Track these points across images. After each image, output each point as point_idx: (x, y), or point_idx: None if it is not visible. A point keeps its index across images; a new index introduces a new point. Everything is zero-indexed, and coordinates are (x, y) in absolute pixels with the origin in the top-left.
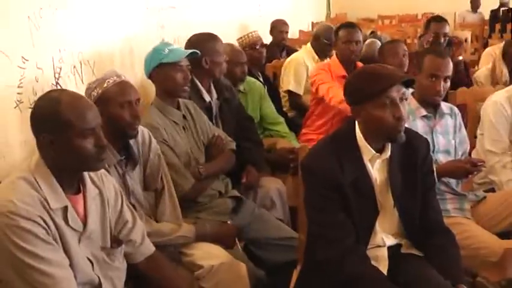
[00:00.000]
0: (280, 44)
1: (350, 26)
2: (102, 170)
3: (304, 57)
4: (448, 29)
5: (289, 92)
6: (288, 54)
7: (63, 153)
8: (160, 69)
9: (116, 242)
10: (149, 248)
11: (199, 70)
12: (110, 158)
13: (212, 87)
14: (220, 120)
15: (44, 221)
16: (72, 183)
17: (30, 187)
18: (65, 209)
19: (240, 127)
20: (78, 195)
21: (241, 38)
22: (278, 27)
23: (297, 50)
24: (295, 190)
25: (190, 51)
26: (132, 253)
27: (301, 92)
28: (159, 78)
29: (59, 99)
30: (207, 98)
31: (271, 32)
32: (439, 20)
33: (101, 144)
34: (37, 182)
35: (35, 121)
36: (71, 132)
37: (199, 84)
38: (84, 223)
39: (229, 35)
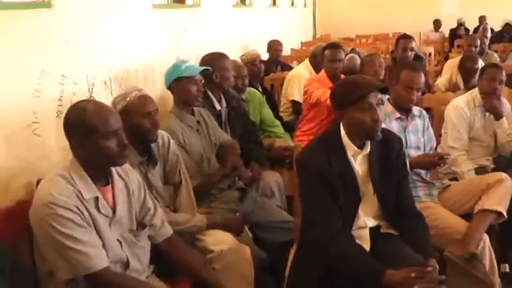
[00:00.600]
0: (276, 60)
1: (334, 46)
2: (127, 166)
3: (304, 71)
4: (414, 45)
5: (293, 101)
6: (283, 69)
7: (92, 153)
8: (178, 82)
9: (141, 225)
10: (168, 231)
11: (211, 83)
12: (133, 159)
13: (222, 97)
14: (228, 125)
15: (79, 209)
16: (101, 177)
17: (66, 182)
18: (96, 199)
19: (245, 131)
20: (107, 187)
21: (243, 55)
22: (274, 46)
23: (290, 65)
24: (290, 182)
25: (204, 68)
26: (154, 235)
27: (301, 100)
28: (177, 90)
29: (85, 107)
30: (218, 106)
31: (268, 50)
32: (406, 37)
33: (122, 143)
34: (72, 178)
35: (67, 127)
36: (96, 135)
37: (211, 95)
38: (114, 210)
39: (233, 53)
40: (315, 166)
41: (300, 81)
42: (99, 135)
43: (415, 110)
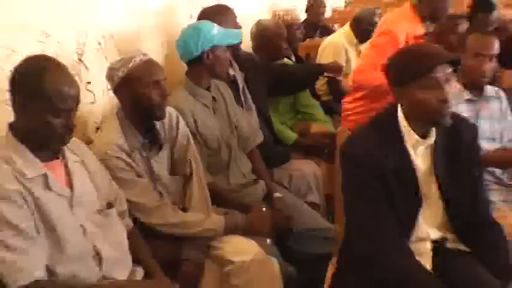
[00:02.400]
0: (315, 23)
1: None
2: (80, 142)
3: (343, 39)
4: None
5: (328, 78)
6: (322, 34)
7: (32, 123)
8: (211, 52)
9: (109, 204)
10: (129, 223)
11: None
12: (133, 141)
13: (233, 60)
14: (249, 91)
15: (21, 194)
16: (46, 151)
17: (4, 162)
18: (44, 177)
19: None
20: (55, 161)
21: (278, 13)
22: (316, 5)
23: (331, 29)
24: (329, 177)
25: (239, 31)
26: None
27: (340, 76)
28: (209, 61)
29: (44, 68)
30: (231, 71)
31: (308, 11)
32: None
33: (70, 126)
34: (9, 156)
35: (14, 82)
36: (46, 107)
37: None
38: (70, 187)
39: (260, 13)
40: (365, 158)
41: (337, 52)
42: (48, 109)
43: (491, 89)
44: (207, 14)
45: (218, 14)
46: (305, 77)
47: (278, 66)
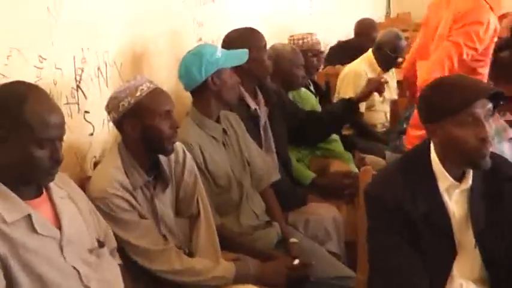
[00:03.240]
0: (364, 51)
1: None
2: (65, 176)
3: (365, 68)
4: None
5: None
6: None
7: (13, 157)
8: (216, 76)
9: (100, 242)
10: (117, 262)
11: (240, 74)
12: (136, 178)
13: (258, 91)
14: (271, 130)
15: None
16: (29, 188)
17: None
18: (28, 218)
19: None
20: (40, 198)
21: (296, 38)
22: (366, 30)
23: None
24: (351, 222)
25: (244, 51)
26: None
27: (362, 109)
28: (216, 86)
29: (25, 95)
30: (253, 104)
31: (358, 35)
32: None
33: (55, 158)
34: None
35: None
36: (29, 138)
37: (242, 89)
38: (58, 226)
39: (273, 36)
40: (393, 201)
41: (357, 81)
42: (31, 140)
43: None
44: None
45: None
46: (339, 117)
47: (305, 112)
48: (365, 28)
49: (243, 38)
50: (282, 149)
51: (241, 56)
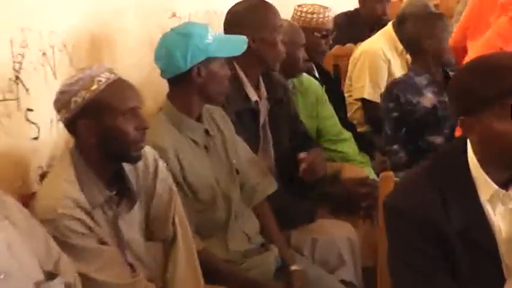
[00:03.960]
0: (373, 23)
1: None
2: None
3: (383, 47)
4: None
5: (363, 100)
6: None
7: None
8: (204, 66)
9: (50, 275)
10: None
11: (244, 56)
12: (95, 194)
13: (262, 82)
14: (270, 129)
15: None
16: None
17: None
18: None
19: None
20: None
21: (305, 12)
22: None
23: None
24: (369, 242)
25: (242, 38)
26: None
27: (376, 96)
28: (200, 79)
29: None
30: (254, 96)
31: (364, 3)
32: None
33: None
34: None
35: None
36: None
37: (243, 76)
38: None
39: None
40: (421, 216)
41: (375, 64)
42: None
43: None
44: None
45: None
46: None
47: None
48: None
49: (250, 14)
50: (282, 154)
51: (238, 44)
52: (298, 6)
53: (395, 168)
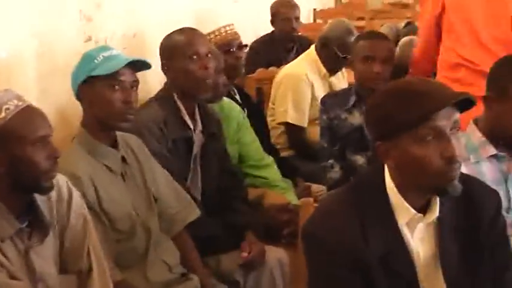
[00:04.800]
0: (288, 38)
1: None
2: None
3: (306, 70)
4: None
5: (286, 124)
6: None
7: None
8: (89, 86)
9: None
10: None
11: (176, 85)
12: (4, 226)
13: (197, 113)
14: (200, 164)
15: None
16: None
17: None
18: None
19: (225, 176)
20: None
21: (208, 35)
22: (283, 12)
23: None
24: (293, 269)
25: (133, 58)
26: None
27: (304, 123)
28: (87, 100)
29: None
30: (191, 123)
31: (274, 20)
32: None
33: None
34: None
35: None
36: None
37: (180, 105)
38: None
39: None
40: (339, 243)
41: (298, 87)
42: None
43: None
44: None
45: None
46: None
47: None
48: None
49: (165, 41)
50: (209, 190)
51: (120, 62)
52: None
53: (331, 184)
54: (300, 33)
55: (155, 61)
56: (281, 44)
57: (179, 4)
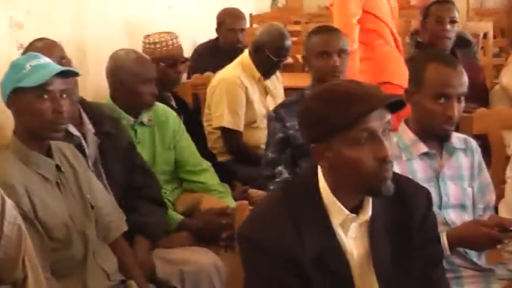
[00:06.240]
0: (232, 49)
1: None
2: None
3: (239, 75)
4: (457, 15)
5: (223, 129)
6: None
7: None
8: (17, 96)
9: None
10: None
11: None
12: None
13: (84, 116)
14: (102, 166)
15: None
16: None
17: None
18: None
19: (133, 181)
20: None
21: (154, 44)
22: (229, 22)
23: None
24: (233, 272)
25: (61, 68)
26: None
27: (240, 127)
28: (16, 109)
29: None
30: (74, 130)
31: (219, 30)
32: (443, 2)
33: None
34: None
35: None
36: None
37: None
38: None
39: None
40: (274, 245)
41: (233, 92)
42: None
43: (457, 139)
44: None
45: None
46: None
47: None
48: (222, 20)
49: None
50: (118, 189)
51: (48, 72)
52: (145, 37)
53: None
54: (244, 45)
55: (90, 68)
56: (225, 53)
57: (113, 11)
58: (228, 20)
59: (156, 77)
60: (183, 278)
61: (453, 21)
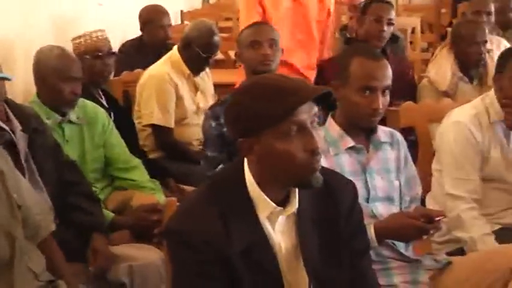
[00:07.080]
0: (161, 46)
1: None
2: None
3: (168, 71)
4: (393, 15)
5: (153, 126)
6: None
7: None
8: None
9: None
10: None
11: None
12: None
13: (9, 113)
14: (34, 163)
15: None
16: None
17: None
18: None
19: (60, 178)
20: None
21: (78, 38)
22: (154, 19)
23: None
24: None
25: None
26: None
27: (171, 123)
28: None
29: None
30: (4, 126)
31: (144, 28)
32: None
33: None
34: None
35: None
36: None
37: None
38: None
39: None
40: (201, 238)
41: (162, 89)
42: None
43: (383, 132)
44: None
45: None
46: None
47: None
48: (150, 15)
49: None
50: (50, 185)
51: None
52: (73, 39)
53: None
54: (170, 41)
55: (17, 65)
56: (152, 50)
57: (41, 8)
58: (153, 16)
59: (81, 76)
60: (133, 275)
61: (390, 23)
